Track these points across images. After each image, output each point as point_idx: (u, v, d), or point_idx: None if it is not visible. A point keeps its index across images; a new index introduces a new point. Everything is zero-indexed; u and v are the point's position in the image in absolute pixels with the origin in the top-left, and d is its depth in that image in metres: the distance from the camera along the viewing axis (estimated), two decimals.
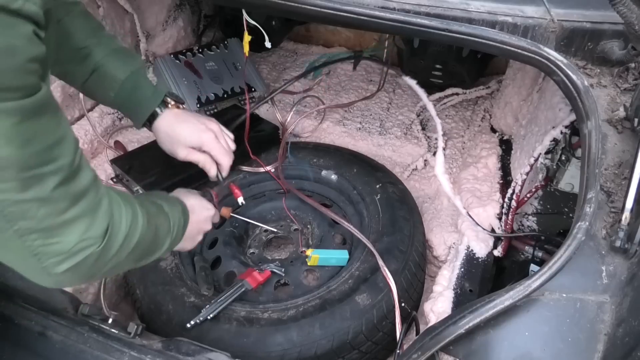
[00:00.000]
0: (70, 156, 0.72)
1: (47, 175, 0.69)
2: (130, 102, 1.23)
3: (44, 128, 0.68)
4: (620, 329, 0.86)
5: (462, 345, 0.90)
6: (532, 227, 1.47)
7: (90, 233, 0.77)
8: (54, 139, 0.69)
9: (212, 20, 2.42)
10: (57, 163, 0.70)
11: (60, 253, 0.74)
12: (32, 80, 0.65)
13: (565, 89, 1.04)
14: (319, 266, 1.43)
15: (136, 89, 1.22)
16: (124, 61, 1.20)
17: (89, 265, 0.78)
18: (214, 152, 1.30)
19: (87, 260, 0.77)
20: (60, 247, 0.74)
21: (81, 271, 0.78)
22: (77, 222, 0.75)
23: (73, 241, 0.75)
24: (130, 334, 1.06)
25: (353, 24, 1.13)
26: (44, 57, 0.67)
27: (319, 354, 1.21)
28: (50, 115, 0.69)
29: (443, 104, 2.09)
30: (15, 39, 0.61)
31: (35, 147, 0.66)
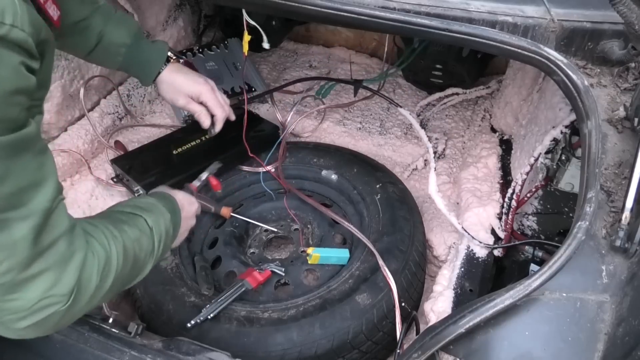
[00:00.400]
0: (45, 203, 0.65)
1: (13, 222, 0.62)
2: (138, 64, 1.33)
3: (20, 169, 0.61)
4: (621, 328, 0.86)
5: (463, 344, 0.90)
6: (532, 227, 1.47)
7: (55, 290, 0.68)
8: (29, 182, 0.63)
9: (212, 20, 2.42)
10: (27, 208, 0.63)
11: (19, 310, 0.66)
12: (14, 113, 0.60)
13: (565, 89, 1.04)
14: (319, 266, 1.43)
15: (141, 52, 1.31)
16: (124, 27, 1.27)
17: (54, 322, 0.71)
18: (210, 103, 1.40)
19: (52, 317, 0.70)
20: (19, 304, 0.66)
21: (45, 327, 0.71)
22: (41, 278, 0.66)
23: (34, 299, 0.67)
24: (130, 333, 1.07)
25: (353, 24, 1.13)
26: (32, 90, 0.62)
27: (319, 354, 1.21)
28: (32, 155, 0.63)
29: (443, 104, 2.09)
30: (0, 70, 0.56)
31: (5, 189, 0.60)
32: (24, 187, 0.62)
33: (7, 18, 0.56)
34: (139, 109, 2.01)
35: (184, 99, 1.38)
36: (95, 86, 1.84)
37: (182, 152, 1.68)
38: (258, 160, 1.66)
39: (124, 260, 0.83)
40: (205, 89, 1.39)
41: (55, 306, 0.69)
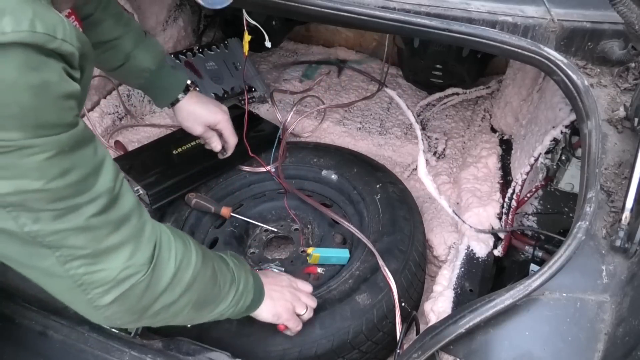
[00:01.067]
0: (108, 183, 0.72)
1: (83, 205, 0.69)
2: (158, 88, 1.42)
3: (80, 160, 0.68)
4: (621, 328, 0.86)
5: (463, 344, 0.90)
6: (533, 227, 1.47)
7: (135, 260, 0.75)
8: (90, 169, 0.70)
9: (212, 20, 2.42)
10: (93, 192, 0.70)
11: (104, 282, 0.73)
12: (68, 116, 0.67)
13: (565, 89, 1.04)
14: (319, 266, 1.43)
15: (163, 77, 1.40)
16: (151, 52, 1.36)
17: (136, 297, 0.77)
18: (225, 132, 1.52)
19: (134, 290, 0.76)
20: (104, 274, 0.73)
21: (129, 303, 0.77)
22: (120, 249, 0.74)
23: (118, 268, 0.73)
24: (130, 333, 1.07)
25: (353, 23, 1.13)
26: (78, 96, 0.69)
27: (319, 354, 1.21)
28: (87, 146, 0.70)
29: (443, 104, 2.09)
30: (49, 75, 0.62)
31: (71, 179, 0.67)
32: (87, 174, 0.69)
33: (59, 33, 0.62)
34: (139, 109, 2.01)
35: (202, 128, 1.48)
36: (95, 86, 1.84)
37: (182, 152, 1.68)
38: (259, 160, 1.66)
39: (203, 261, 0.88)
40: (222, 118, 1.49)
41: (137, 275, 0.75)
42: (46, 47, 0.61)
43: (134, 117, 1.97)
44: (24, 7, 0.59)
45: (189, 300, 0.87)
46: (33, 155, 0.62)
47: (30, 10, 0.59)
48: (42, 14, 0.61)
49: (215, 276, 0.93)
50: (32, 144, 0.61)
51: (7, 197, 0.63)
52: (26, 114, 0.60)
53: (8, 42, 0.57)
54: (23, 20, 0.58)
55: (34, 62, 0.60)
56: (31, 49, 0.60)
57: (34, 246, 0.68)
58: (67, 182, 0.66)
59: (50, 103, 0.63)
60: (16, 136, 0.60)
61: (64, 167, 0.66)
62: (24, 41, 0.58)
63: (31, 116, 0.61)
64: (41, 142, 0.62)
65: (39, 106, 0.61)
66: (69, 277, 0.71)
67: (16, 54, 0.58)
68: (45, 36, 0.60)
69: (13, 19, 0.57)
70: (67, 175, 0.66)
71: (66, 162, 0.66)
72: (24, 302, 1.10)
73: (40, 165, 0.63)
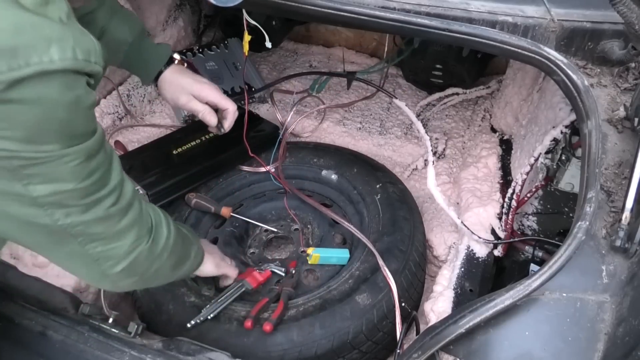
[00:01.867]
0: (118, 176, 0.82)
1: (103, 198, 0.79)
2: (139, 62, 1.34)
3: (101, 161, 0.77)
4: (621, 328, 0.86)
5: (463, 344, 0.90)
6: (532, 227, 1.47)
7: (140, 236, 0.89)
8: (106, 167, 0.80)
9: (212, 20, 2.42)
10: (109, 186, 0.80)
11: (117, 256, 0.86)
12: (93, 124, 0.75)
13: (565, 89, 1.04)
14: (319, 266, 1.43)
15: (143, 50, 1.32)
16: (128, 24, 1.29)
17: (139, 264, 0.91)
18: (217, 99, 1.37)
19: (139, 258, 0.89)
20: (117, 251, 0.86)
21: (133, 269, 0.90)
22: (129, 230, 0.86)
23: (128, 244, 0.87)
24: (130, 333, 1.07)
25: (353, 23, 1.13)
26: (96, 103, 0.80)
27: (319, 354, 1.21)
28: (103, 147, 0.79)
29: (443, 104, 2.09)
30: (79, 90, 0.69)
31: (95, 177, 0.76)
32: (104, 171, 0.79)
33: (93, 57, 0.70)
34: (139, 109, 2.01)
35: (186, 97, 1.34)
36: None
37: (182, 152, 1.68)
38: (259, 161, 1.66)
39: (177, 231, 1.01)
40: (209, 87, 1.37)
41: (141, 246, 0.89)
42: (83, 70, 0.68)
43: (134, 117, 1.97)
44: (66, 34, 0.66)
45: (171, 263, 1.01)
46: (68, 163, 0.71)
47: (71, 37, 0.66)
48: (80, 40, 0.68)
49: (184, 240, 1.06)
50: (67, 153, 0.70)
51: (46, 198, 0.72)
52: (64, 128, 0.69)
53: (56, 70, 0.64)
54: (67, 48, 0.65)
55: (70, 81, 0.67)
56: (73, 74, 0.67)
57: (61, 235, 0.78)
58: (93, 180, 0.76)
59: (81, 115, 0.71)
60: (56, 147, 0.69)
61: (90, 168, 0.75)
62: (68, 68, 0.65)
63: (67, 129, 0.69)
64: (74, 151, 0.71)
65: (73, 119, 0.69)
66: (88, 255, 0.83)
67: (62, 79, 0.66)
68: (84, 62, 0.68)
69: (59, 48, 0.64)
70: (93, 175, 0.76)
71: (92, 164, 0.75)
72: (23, 302, 1.10)
73: (74, 169, 0.72)
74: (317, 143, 1.85)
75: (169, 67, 1.35)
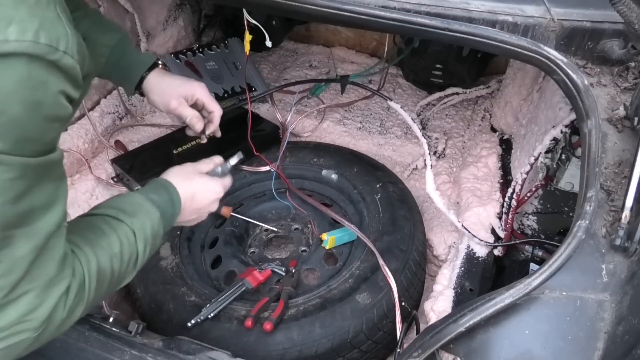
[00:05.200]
0: (50, 226, 0.68)
1: (18, 239, 0.64)
2: (122, 66, 1.25)
3: (38, 190, 0.65)
4: (620, 327, 0.86)
5: (463, 343, 0.90)
6: (532, 227, 1.47)
7: (32, 315, 0.68)
8: (42, 204, 0.66)
9: (213, 19, 2.42)
10: (33, 228, 0.66)
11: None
12: (48, 138, 0.65)
13: (565, 88, 1.04)
14: (319, 265, 1.44)
15: (126, 54, 1.24)
16: (110, 30, 1.23)
17: (21, 349, 0.71)
18: (205, 100, 1.32)
19: (20, 344, 0.69)
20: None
21: (14, 353, 0.70)
22: (23, 299, 0.67)
23: (12, 322, 0.67)
24: (131, 332, 1.07)
25: (354, 23, 1.13)
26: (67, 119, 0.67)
27: (319, 353, 1.21)
28: (52, 179, 0.68)
29: (443, 104, 2.09)
30: (44, 95, 0.61)
31: (20, 207, 0.63)
32: (36, 207, 0.66)
33: (62, 45, 0.61)
34: (139, 108, 2.01)
35: (177, 100, 1.28)
36: (95, 85, 1.84)
37: (183, 151, 1.68)
38: (264, 160, 1.65)
39: (97, 284, 0.80)
40: (199, 85, 1.31)
41: (27, 332, 0.69)
42: (47, 58, 0.60)
43: (134, 116, 1.98)
44: (31, 17, 0.58)
45: (80, 317, 0.80)
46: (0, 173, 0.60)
47: (37, 20, 0.59)
48: (48, 25, 0.60)
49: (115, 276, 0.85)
50: (3, 161, 0.59)
51: None
52: (11, 126, 0.59)
53: (11, 52, 0.57)
54: (28, 29, 0.58)
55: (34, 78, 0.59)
56: (34, 63, 0.59)
57: None
58: (16, 210, 0.63)
59: (37, 121, 0.62)
60: None
61: (19, 191, 0.62)
62: (26, 52, 0.58)
63: (15, 129, 0.60)
64: (10, 161, 0.60)
65: (25, 121, 0.60)
66: None
67: (19, 66, 0.58)
68: (47, 47, 0.60)
69: (18, 28, 0.57)
70: (19, 202, 0.63)
71: (23, 188, 0.63)
72: None
73: (2, 185, 0.60)
74: (317, 143, 1.85)
75: (153, 71, 1.28)
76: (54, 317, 0.72)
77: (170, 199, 1.03)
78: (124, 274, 0.88)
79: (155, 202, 0.98)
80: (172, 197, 1.04)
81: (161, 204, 0.99)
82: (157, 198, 1.00)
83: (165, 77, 1.30)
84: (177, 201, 1.05)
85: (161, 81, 1.28)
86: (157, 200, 0.99)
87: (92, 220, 0.88)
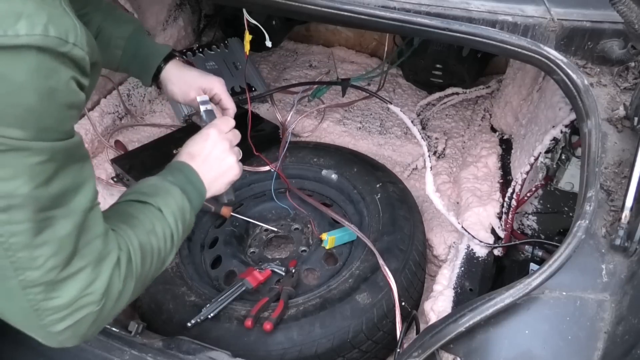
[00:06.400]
0: (85, 203, 0.71)
1: (58, 219, 0.68)
2: (139, 57, 1.26)
3: (67, 172, 0.68)
4: (620, 327, 0.86)
5: (463, 343, 0.90)
6: (532, 226, 1.48)
7: (91, 289, 0.73)
8: (72, 184, 0.69)
9: (213, 19, 2.42)
10: (69, 208, 0.69)
11: (60, 309, 0.70)
12: (67, 125, 0.68)
13: (565, 88, 1.04)
14: (319, 265, 1.43)
15: (141, 46, 1.25)
16: (124, 22, 1.24)
17: (87, 325, 0.74)
18: (223, 96, 1.30)
19: (86, 319, 0.73)
20: (60, 302, 0.70)
21: (81, 329, 0.74)
22: (79, 275, 0.71)
23: (73, 296, 0.71)
24: (131, 332, 1.07)
25: (353, 23, 1.13)
26: (81, 105, 0.70)
27: (319, 353, 1.21)
28: (77, 160, 0.71)
29: (443, 104, 2.09)
30: (57, 83, 0.63)
31: (53, 189, 0.66)
32: (68, 188, 0.69)
33: (71, 37, 0.64)
34: (139, 108, 2.02)
35: (196, 91, 1.26)
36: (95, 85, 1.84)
37: None
38: (264, 159, 1.65)
39: (142, 259, 0.84)
40: (218, 81, 1.29)
41: (90, 307, 0.73)
42: (57, 50, 0.62)
43: (134, 116, 1.98)
44: (40, 11, 0.61)
45: (137, 293, 0.84)
46: (28, 157, 0.62)
47: (46, 14, 0.61)
48: (56, 19, 0.62)
49: (156, 251, 0.88)
50: (29, 147, 0.62)
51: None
52: (30, 116, 0.62)
53: (21, 45, 0.59)
54: (37, 24, 0.60)
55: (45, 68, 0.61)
56: (44, 54, 0.61)
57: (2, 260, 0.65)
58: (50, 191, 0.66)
59: (54, 109, 0.64)
60: (17, 134, 0.61)
61: (49, 174, 0.65)
62: (36, 44, 0.60)
63: (34, 118, 0.62)
64: (37, 146, 0.63)
65: (42, 110, 0.63)
66: (26, 301, 0.68)
67: (29, 57, 0.60)
68: (57, 40, 0.62)
69: (28, 23, 0.59)
70: (51, 184, 0.66)
71: (54, 170, 0.66)
72: None
73: (32, 168, 0.63)
74: (317, 143, 1.85)
75: (169, 62, 1.28)
76: (112, 288, 0.75)
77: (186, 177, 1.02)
78: (164, 250, 0.90)
79: (171, 181, 0.98)
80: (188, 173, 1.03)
81: (178, 181, 0.99)
82: (172, 178, 1.00)
83: (184, 68, 1.30)
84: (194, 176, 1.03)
85: (180, 72, 1.28)
86: (172, 179, 0.99)
87: (119, 208, 0.91)
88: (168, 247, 0.91)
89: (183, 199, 0.96)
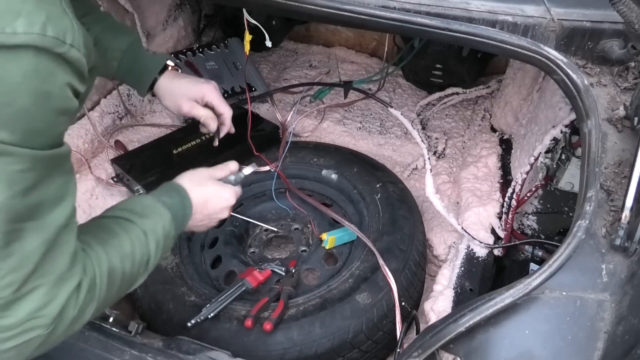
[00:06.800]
0: (60, 220, 0.68)
1: (28, 232, 0.65)
2: (133, 70, 1.27)
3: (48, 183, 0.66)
4: (620, 327, 0.86)
5: (463, 343, 0.90)
6: (532, 227, 1.48)
7: (43, 311, 0.68)
8: (51, 197, 0.67)
9: (213, 19, 2.42)
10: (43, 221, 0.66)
11: (8, 329, 0.66)
12: (57, 132, 0.66)
13: (565, 88, 1.04)
14: (319, 265, 1.43)
15: (138, 57, 1.26)
16: (122, 33, 1.25)
17: (34, 347, 0.70)
18: (215, 102, 1.33)
19: (33, 341, 0.69)
20: (9, 321, 0.66)
21: (26, 351, 0.70)
22: (34, 294, 0.67)
23: (24, 317, 0.67)
24: (131, 332, 1.07)
25: (354, 23, 1.13)
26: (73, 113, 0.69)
27: (319, 353, 1.21)
28: (61, 173, 0.68)
29: (443, 104, 2.09)
30: (52, 87, 0.62)
31: (30, 200, 0.64)
32: (45, 200, 0.66)
33: (68, 38, 0.63)
34: (139, 108, 2.01)
35: (188, 104, 1.30)
36: (95, 85, 1.84)
37: (182, 151, 1.69)
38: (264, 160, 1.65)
39: (109, 284, 0.80)
40: (208, 88, 1.32)
41: (38, 329, 0.69)
42: (54, 51, 0.61)
43: (134, 116, 1.97)
44: (38, 10, 0.60)
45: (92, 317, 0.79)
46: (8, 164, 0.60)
47: (44, 13, 0.60)
48: (55, 18, 0.61)
49: (127, 277, 0.85)
50: (12, 152, 0.60)
51: None
52: (20, 118, 0.60)
53: (19, 44, 0.58)
54: (35, 22, 0.59)
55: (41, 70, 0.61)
56: (41, 56, 0.60)
57: None
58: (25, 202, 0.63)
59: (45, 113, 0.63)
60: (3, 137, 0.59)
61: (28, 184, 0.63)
62: (33, 44, 0.59)
63: (24, 121, 0.61)
64: (20, 153, 0.61)
65: (34, 114, 0.61)
66: None
67: (26, 58, 0.59)
68: (54, 40, 0.61)
69: (26, 21, 0.58)
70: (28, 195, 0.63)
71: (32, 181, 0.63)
72: None
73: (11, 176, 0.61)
74: (317, 142, 1.85)
75: (164, 74, 1.30)
76: (65, 314, 0.71)
77: (181, 202, 1.05)
78: (135, 275, 0.89)
79: (166, 204, 0.98)
80: (184, 200, 1.05)
81: (172, 206, 1.00)
82: (169, 200, 1.01)
83: (175, 80, 1.31)
84: (188, 205, 1.06)
85: (171, 85, 1.30)
86: (168, 202, 1.00)
87: (103, 222, 0.89)
88: (141, 272, 0.90)
89: (171, 227, 0.96)
